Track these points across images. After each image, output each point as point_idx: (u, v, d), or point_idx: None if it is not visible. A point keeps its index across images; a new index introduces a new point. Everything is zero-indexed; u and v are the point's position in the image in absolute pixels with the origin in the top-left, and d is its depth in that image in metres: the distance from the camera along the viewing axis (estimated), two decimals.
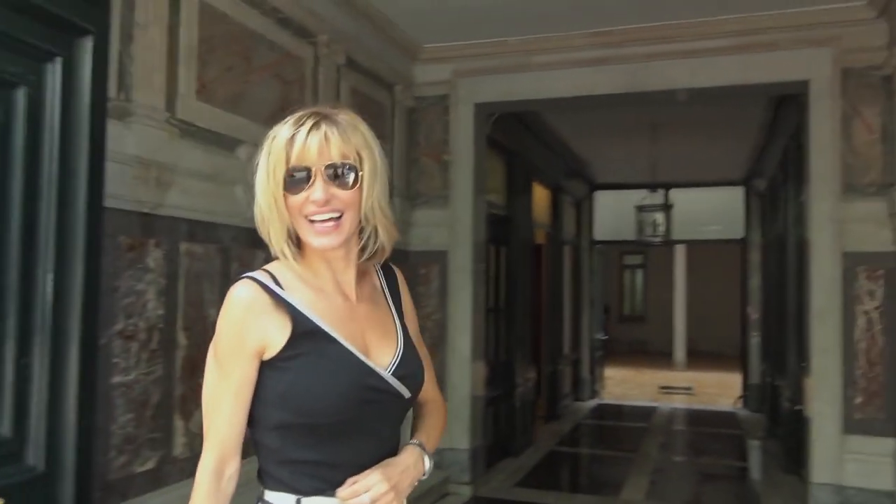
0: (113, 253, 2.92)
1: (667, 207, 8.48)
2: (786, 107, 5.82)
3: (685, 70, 4.90)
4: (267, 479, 1.32)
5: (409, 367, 1.37)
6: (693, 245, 12.83)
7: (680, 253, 14.58)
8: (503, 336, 6.34)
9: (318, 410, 1.26)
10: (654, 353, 16.39)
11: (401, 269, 5.48)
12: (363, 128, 1.34)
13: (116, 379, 2.95)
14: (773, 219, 7.66)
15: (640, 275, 18.50)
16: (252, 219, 1.33)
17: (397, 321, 1.44)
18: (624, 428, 8.57)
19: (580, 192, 9.80)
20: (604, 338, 10.64)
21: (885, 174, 4.48)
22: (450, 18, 4.88)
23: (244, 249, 3.63)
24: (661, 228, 8.53)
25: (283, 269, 1.33)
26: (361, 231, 1.36)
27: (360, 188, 1.31)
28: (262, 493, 1.33)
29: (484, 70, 5.34)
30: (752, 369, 9.33)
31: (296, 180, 1.28)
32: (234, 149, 3.59)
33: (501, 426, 6.21)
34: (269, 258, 1.38)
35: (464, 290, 5.31)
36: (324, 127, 1.28)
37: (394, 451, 1.37)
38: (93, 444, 2.26)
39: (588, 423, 8.62)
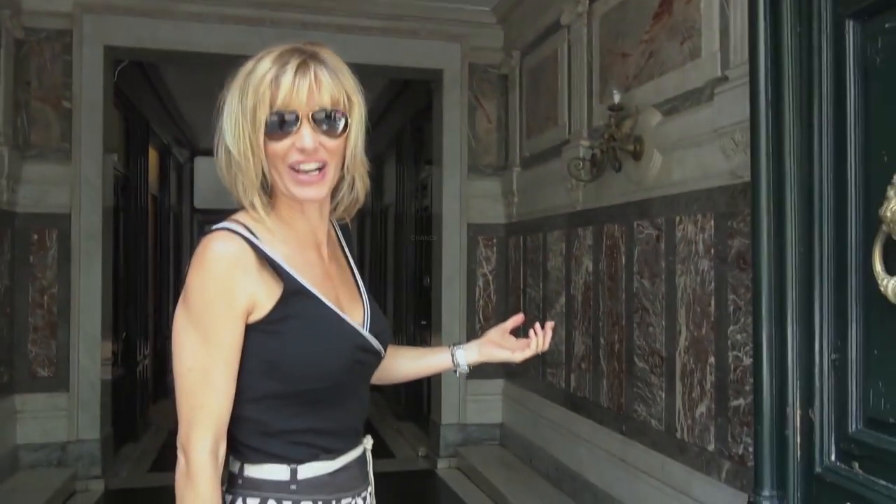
0: None
1: None
2: (406, 92, 6.39)
3: (337, 44, 4.92)
4: (247, 452, 1.20)
5: (380, 324, 1.32)
6: None
7: None
8: (122, 309, 5.70)
9: (313, 377, 1.18)
10: None
11: (7, 232, 4.65)
12: (348, 70, 1.24)
13: None
14: (379, 193, 8.35)
15: None
16: None
17: (357, 276, 1.37)
18: None
19: (182, 157, 9.24)
20: None
21: (500, 158, 5.30)
22: None
23: None
24: None
25: (254, 223, 1.18)
26: (340, 182, 1.26)
27: (348, 137, 1.21)
28: (240, 469, 1.19)
29: (116, 8, 4.68)
30: None
31: (280, 125, 1.16)
32: None
33: (121, 409, 5.60)
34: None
35: (94, 261, 4.62)
36: (313, 67, 1.17)
37: (367, 411, 1.35)
38: None
39: None
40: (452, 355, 1.49)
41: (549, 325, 1.49)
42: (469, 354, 1.50)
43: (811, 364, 1.69)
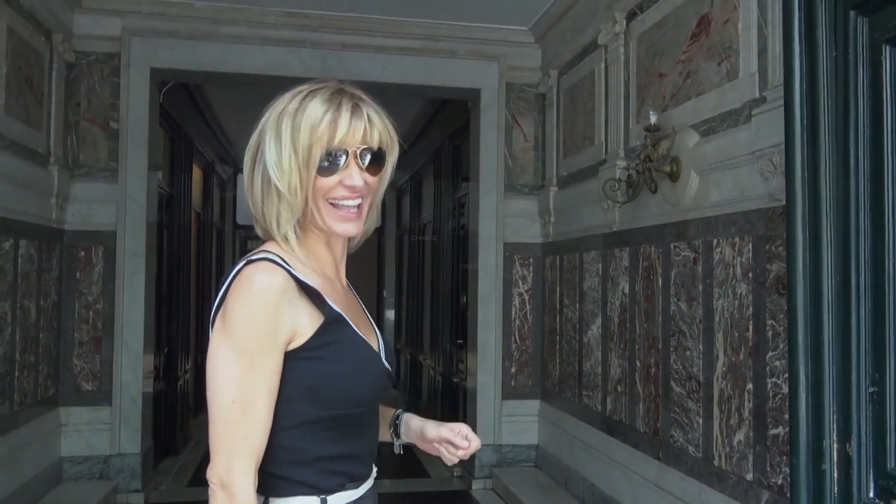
0: None
1: None
2: (445, 110, 6.42)
3: (376, 64, 5.09)
4: (275, 483, 1.20)
5: (391, 354, 1.36)
6: None
7: None
8: (165, 325, 5.82)
9: (352, 401, 1.22)
10: None
11: (55, 249, 4.78)
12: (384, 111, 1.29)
13: None
14: (417, 211, 8.39)
15: None
16: None
17: (363, 307, 1.40)
18: None
19: (225, 174, 9.43)
20: None
21: (536, 177, 5.28)
22: None
23: None
24: None
25: (286, 254, 1.21)
26: None
27: (383, 174, 1.28)
28: (265, 502, 1.19)
29: (162, 32, 4.82)
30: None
31: (332, 163, 1.20)
32: None
33: (162, 423, 5.70)
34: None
35: (137, 278, 4.73)
36: (364, 109, 1.22)
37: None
38: None
39: None
40: (394, 427, 1.45)
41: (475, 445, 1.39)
42: (407, 435, 1.44)
43: (848, 396, 1.64)
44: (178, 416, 6.23)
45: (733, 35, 2.98)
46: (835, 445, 1.68)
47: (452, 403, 6.29)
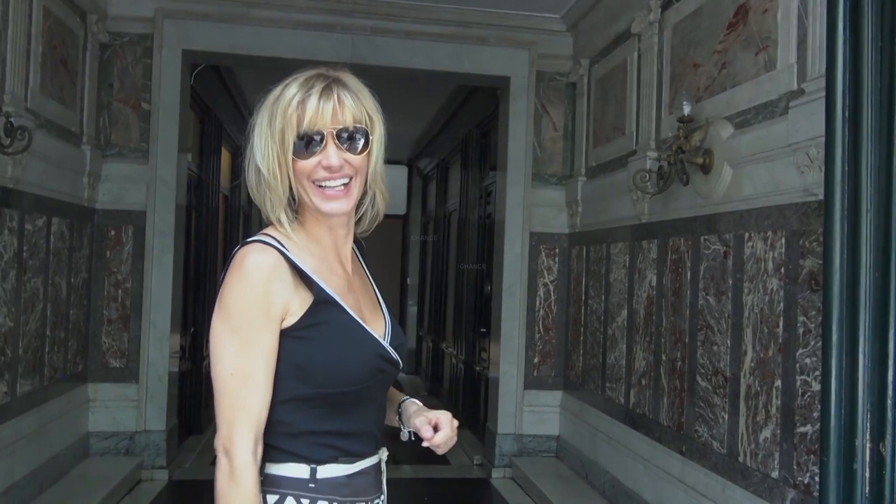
0: None
1: None
2: (474, 97, 6.39)
3: (406, 49, 5.07)
4: (270, 452, 1.26)
5: (399, 338, 1.39)
6: None
7: None
8: (191, 305, 5.88)
9: (339, 381, 1.25)
10: None
11: (87, 227, 4.83)
12: (369, 92, 1.32)
13: None
14: (443, 198, 8.38)
15: None
16: None
17: (377, 292, 1.43)
18: None
19: None
20: None
21: (565, 167, 5.24)
22: None
23: None
24: None
25: (283, 237, 1.26)
26: (363, 198, 1.34)
27: (370, 153, 1.29)
28: (261, 467, 1.23)
29: (195, 14, 4.84)
30: (408, 334, 10.13)
31: (307, 145, 1.25)
32: None
33: (187, 401, 5.77)
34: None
35: (166, 258, 4.79)
36: (336, 90, 1.26)
37: (384, 418, 1.42)
38: None
39: None
40: (399, 416, 1.44)
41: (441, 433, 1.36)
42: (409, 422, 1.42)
43: (883, 395, 1.61)
44: (203, 395, 6.30)
45: (772, 25, 2.91)
46: (867, 445, 1.64)
47: (474, 392, 6.30)
